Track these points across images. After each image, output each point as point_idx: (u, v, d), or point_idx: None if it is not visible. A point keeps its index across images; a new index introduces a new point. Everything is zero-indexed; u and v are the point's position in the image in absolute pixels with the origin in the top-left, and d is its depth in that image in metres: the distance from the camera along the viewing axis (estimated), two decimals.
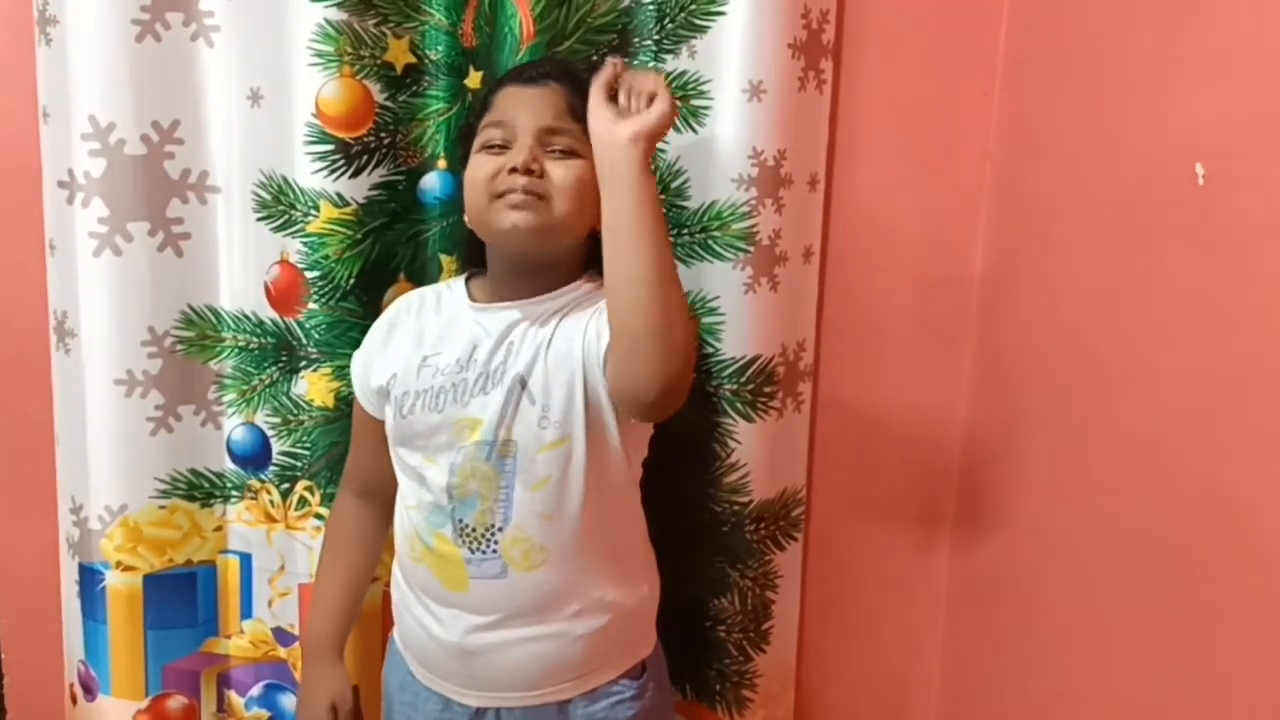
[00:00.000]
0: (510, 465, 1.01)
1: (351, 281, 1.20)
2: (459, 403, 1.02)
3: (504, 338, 1.03)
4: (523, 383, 1.01)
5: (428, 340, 1.07)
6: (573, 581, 1.04)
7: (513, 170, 0.99)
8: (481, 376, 1.02)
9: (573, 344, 1.00)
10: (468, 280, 1.11)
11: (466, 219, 1.06)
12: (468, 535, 1.02)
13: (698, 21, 1.20)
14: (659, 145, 1.21)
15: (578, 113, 1.00)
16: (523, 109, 1.01)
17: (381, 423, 1.10)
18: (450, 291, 1.11)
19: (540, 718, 1.07)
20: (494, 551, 1.02)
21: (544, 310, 1.04)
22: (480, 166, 1.01)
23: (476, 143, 1.04)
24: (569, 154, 1.01)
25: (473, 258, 1.12)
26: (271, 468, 1.27)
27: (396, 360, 1.07)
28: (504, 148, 1.01)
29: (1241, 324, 0.85)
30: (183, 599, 1.30)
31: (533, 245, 1.01)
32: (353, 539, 1.18)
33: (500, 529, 1.01)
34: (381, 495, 1.14)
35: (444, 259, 1.24)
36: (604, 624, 1.06)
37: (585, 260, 1.07)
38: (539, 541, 1.02)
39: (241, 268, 1.24)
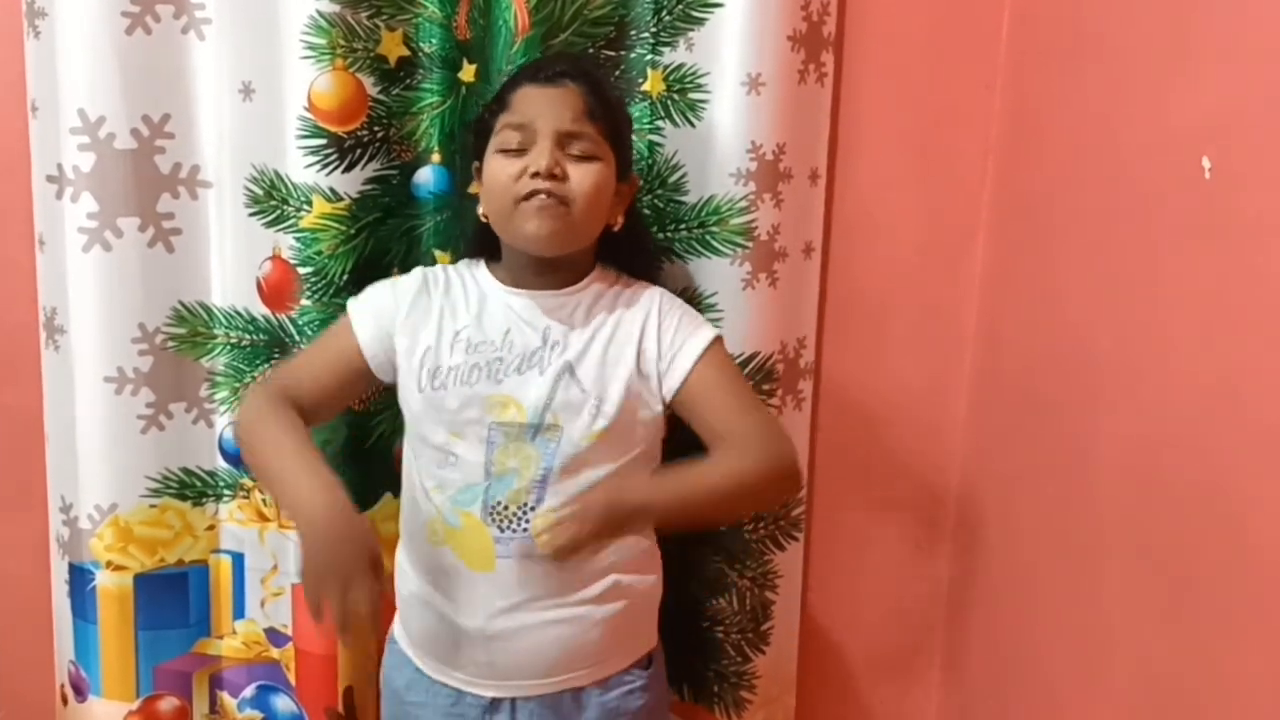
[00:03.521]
0: (553, 448, 1.02)
1: (345, 277, 1.19)
2: (493, 379, 1.03)
3: (540, 324, 1.05)
4: (571, 371, 1.03)
5: (460, 317, 1.07)
6: (597, 562, 1.04)
7: (535, 174, 1.00)
8: (518, 358, 1.04)
9: (627, 350, 1.05)
10: (486, 263, 1.11)
11: (483, 215, 1.06)
12: (499, 514, 1.03)
13: (695, 13, 1.19)
14: (655, 140, 1.21)
15: (595, 114, 1.02)
16: (542, 111, 1.01)
17: (356, 355, 1.06)
18: (471, 271, 1.11)
19: (555, 707, 1.07)
20: (525, 530, 1.02)
21: (577, 302, 1.07)
22: (502, 169, 1.02)
23: (494, 143, 1.04)
24: (587, 157, 1.02)
25: (480, 248, 1.11)
26: None
27: (429, 333, 1.06)
28: (522, 150, 1.02)
29: (1247, 321, 0.84)
30: (174, 599, 1.28)
31: (554, 249, 1.04)
32: (291, 414, 1.02)
33: (533, 507, 1.02)
34: (300, 407, 1.03)
35: (438, 254, 1.23)
36: (621, 609, 1.06)
37: (596, 251, 1.10)
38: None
39: (233, 264, 1.23)
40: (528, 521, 1.02)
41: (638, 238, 1.17)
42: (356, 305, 1.10)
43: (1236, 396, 0.85)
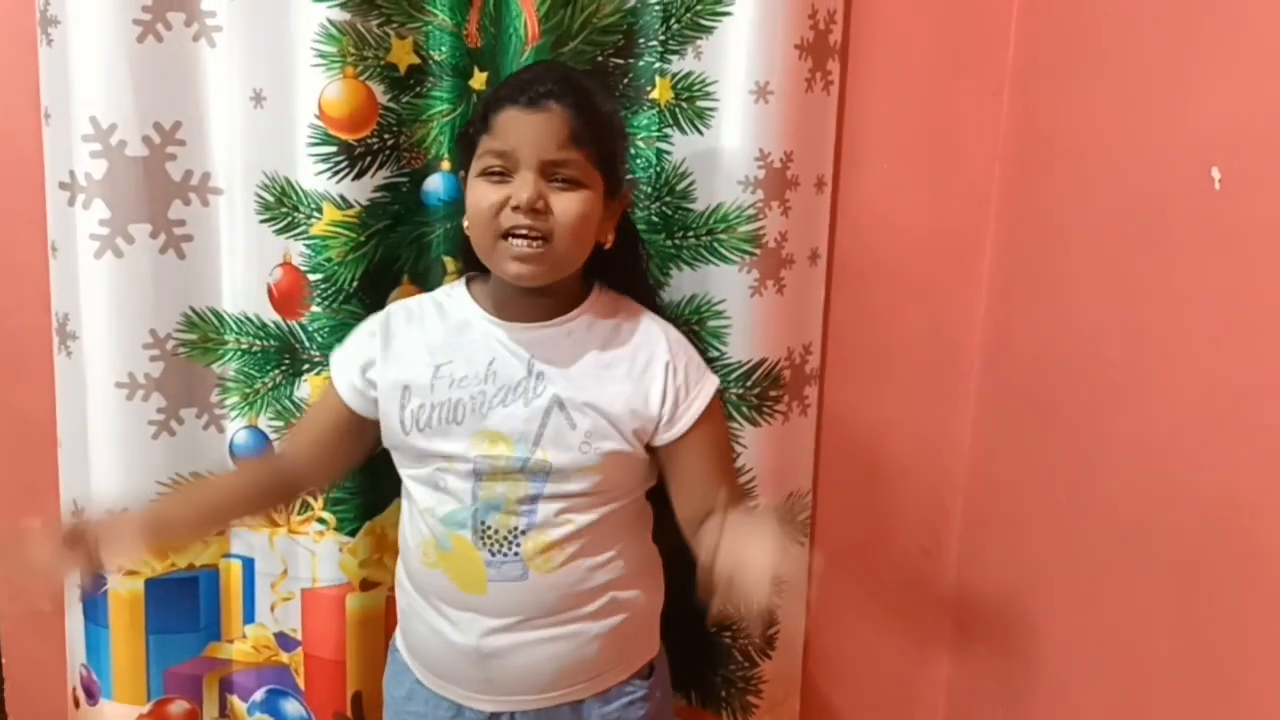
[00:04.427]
0: (541, 479, 1.01)
1: (355, 284, 1.19)
2: (478, 414, 1.01)
3: (526, 355, 1.03)
4: (561, 405, 1.01)
5: (438, 350, 1.05)
6: (591, 582, 1.04)
7: (516, 208, 0.97)
8: (503, 390, 1.02)
9: (624, 387, 1.03)
10: (468, 285, 1.09)
11: (467, 231, 1.04)
12: (489, 538, 1.02)
13: (704, 22, 1.19)
14: (663, 147, 1.22)
15: (582, 139, 0.97)
16: (525, 139, 0.97)
17: (345, 411, 1.07)
18: (451, 299, 1.08)
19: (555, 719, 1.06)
20: (516, 554, 1.02)
21: (567, 332, 1.04)
22: (483, 195, 0.99)
23: (476, 165, 1.00)
24: (572, 184, 0.98)
25: (471, 262, 1.09)
26: None
27: (408, 370, 1.04)
28: (505, 176, 0.98)
29: (1256, 330, 0.84)
30: (185, 603, 1.29)
31: (536, 283, 1.00)
32: (235, 472, 1.12)
33: (524, 532, 1.02)
34: (290, 473, 1.10)
35: (448, 261, 1.23)
36: (619, 623, 1.06)
37: (586, 271, 1.07)
38: (561, 545, 1.02)
39: (244, 270, 1.23)
40: (519, 546, 1.02)
41: (631, 253, 1.13)
42: (335, 356, 1.09)
43: (1245, 403, 0.85)
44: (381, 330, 1.08)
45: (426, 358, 1.04)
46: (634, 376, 1.04)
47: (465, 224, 1.04)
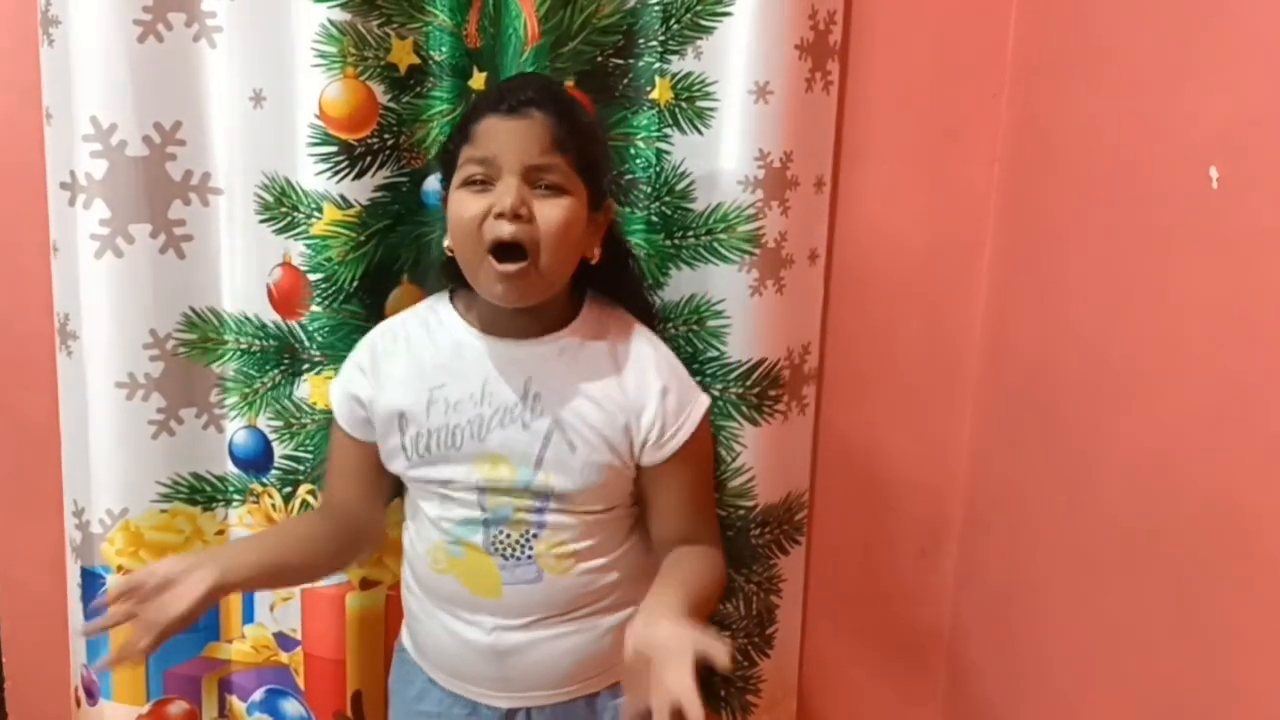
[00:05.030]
0: (544, 498, 1.02)
1: (355, 284, 1.19)
2: (476, 438, 1.01)
3: (520, 376, 1.02)
4: (560, 427, 1.01)
5: (430, 372, 1.04)
6: (604, 580, 1.05)
7: (499, 215, 0.95)
8: (499, 412, 1.01)
9: (616, 402, 1.03)
10: (451, 299, 1.08)
11: (448, 249, 1.02)
12: (501, 544, 1.02)
13: (704, 22, 1.19)
14: (663, 147, 1.22)
15: (564, 145, 0.96)
16: (506, 145, 0.95)
17: (364, 445, 1.08)
18: (437, 316, 1.07)
19: (570, 714, 1.08)
20: (529, 558, 1.02)
21: (560, 349, 1.03)
22: (465, 206, 0.96)
23: (457, 176, 0.99)
24: (555, 190, 0.97)
25: (453, 281, 1.07)
26: (274, 471, 1.26)
27: (401, 398, 1.04)
28: (487, 185, 0.96)
29: (1255, 331, 0.84)
30: None
31: (523, 304, 1.00)
32: (298, 529, 1.13)
33: (535, 535, 1.02)
34: (345, 519, 1.11)
35: None
36: (629, 615, 1.06)
37: (575, 285, 1.06)
38: (573, 546, 1.03)
39: (244, 270, 1.23)
40: (531, 549, 1.02)
41: (621, 268, 1.12)
42: (333, 396, 1.09)
43: (1244, 406, 0.85)
44: (368, 361, 1.08)
45: (418, 382, 1.03)
46: (627, 397, 1.03)
47: (447, 244, 1.02)
